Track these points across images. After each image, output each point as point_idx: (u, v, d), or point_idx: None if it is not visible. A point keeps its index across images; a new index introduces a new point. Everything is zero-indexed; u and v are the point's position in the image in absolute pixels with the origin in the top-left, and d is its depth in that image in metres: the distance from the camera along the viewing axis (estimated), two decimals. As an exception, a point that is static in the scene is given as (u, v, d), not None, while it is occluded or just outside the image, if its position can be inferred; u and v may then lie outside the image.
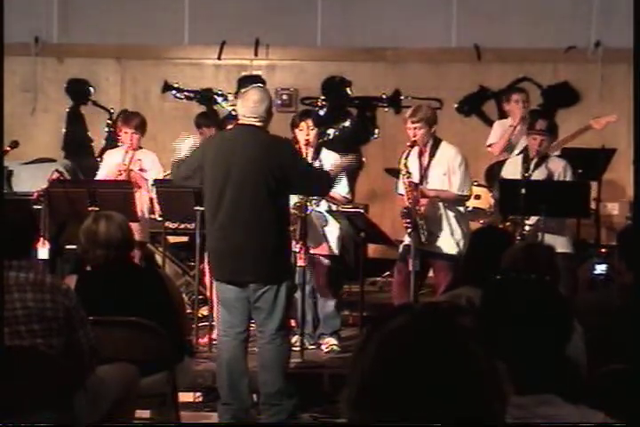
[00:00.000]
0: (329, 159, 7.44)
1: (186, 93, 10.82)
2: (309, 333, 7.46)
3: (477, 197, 8.08)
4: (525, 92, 8.96)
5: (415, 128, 7.09)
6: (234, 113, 10.45)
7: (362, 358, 1.61)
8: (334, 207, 7.41)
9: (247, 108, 5.97)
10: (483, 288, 2.62)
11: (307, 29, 10.61)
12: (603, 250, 8.46)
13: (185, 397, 6.10)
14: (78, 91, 10.84)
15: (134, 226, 6.22)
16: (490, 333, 1.68)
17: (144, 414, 5.21)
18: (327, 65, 10.70)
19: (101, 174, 8.03)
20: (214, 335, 7.34)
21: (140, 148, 8.05)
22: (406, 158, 7.15)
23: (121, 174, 7.76)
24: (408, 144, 7.14)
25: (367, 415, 1.58)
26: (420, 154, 7.22)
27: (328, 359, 7.15)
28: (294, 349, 7.28)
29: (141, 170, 7.86)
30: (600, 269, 7.82)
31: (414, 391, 1.56)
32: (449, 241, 7.19)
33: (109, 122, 10.71)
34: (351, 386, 1.61)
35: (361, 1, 10.66)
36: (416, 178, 7.15)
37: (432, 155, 7.22)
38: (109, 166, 7.94)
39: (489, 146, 8.79)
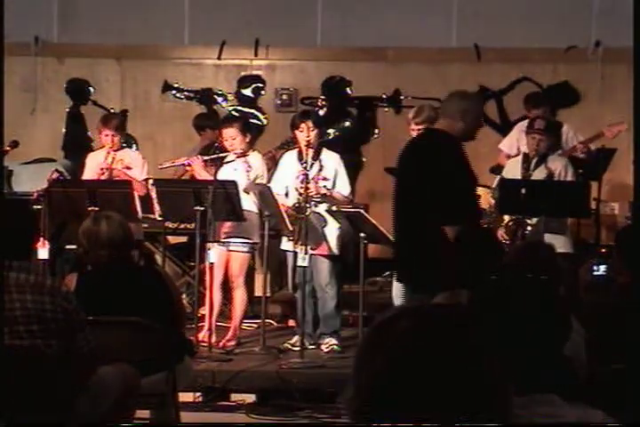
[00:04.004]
0: (330, 159, 7.45)
1: (186, 93, 10.83)
2: (309, 333, 7.46)
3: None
4: (544, 106, 8.76)
5: (419, 129, 7.08)
6: (234, 113, 10.49)
7: (370, 361, 1.61)
8: (334, 207, 7.41)
9: (444, 102, 5.88)
10: (479, 288, 2.62)
11: (306, 29, 10.61)
12: (603, 250, 8.45)
13: (185, 397, 6.10)
14: (78, 91, 10.84)
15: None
16: (488, 332, 1.68)
17: (144, 414, 5.21)
18: (327, 65, 10.70)
19: (85, 177, 8.01)
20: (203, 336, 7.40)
21: (123, 147, 8.07)
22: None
23: (103, 173, 7.76)
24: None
25: (374, 416, 1.58)
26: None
27: (328, 359, 7.15)
28: (294, 349, 7.30)
29: (128, 168, 7.87)
30: (600, 270, 7.81)
31: (425, 392, 1.56)
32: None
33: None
34: (359, 389, 1.61)
35: (361, 1, 10.66)
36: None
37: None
38: (92, 169, 7.93)
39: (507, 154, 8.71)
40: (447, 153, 5.64)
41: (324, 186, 7.35)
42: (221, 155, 7.49)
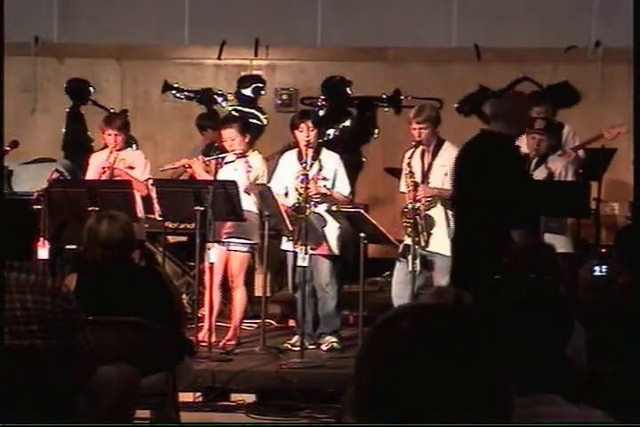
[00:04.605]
0: (329, 159, 7.45)
1: (186, 93, 10.82)
2: (309, 332, 7.47)
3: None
4: (546, 104, 8.79)
5: (420, 128, 7.08)
6: (234, 113, 10.49)
7: (370, 361, 1.61)
8: (334, 207, 7.41)
9: (497, 104, 5.97)
10: (480, 288, 2.62)
11: (307, 29, 10.61)
12: (603, 250, 8.45)
13: (185, 397, 6.10)
14: (78, 91, 10.83)
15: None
16: (489, 332, 1.68)
17: (144, 414, 5.21)
18: (327, 65, 10.70)
19: (89, 177, 7.99)
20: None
21: (126, 147, 8.05)
22: (410, 158, 7.16)
23: (104, 173, 7.74)
24: (413, 143, 7.15)
25: (376, 417, 1.58)
26: (423, 154, 7.22)
27: (328, 359, 7.15)
28: (294, 349, 7.30)
29: (131, 168, 7.85)
30: (600, 270, 7.82)
31: (426, 392, 1.56)
32: (447, 242, 7.18)
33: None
34: (359, 389, 1.61)
35: (361, 1, 10.66)
36: (418, 177, 7.16)
37: (435, 155, 7.22)
38: (95, 169, 7.91)
39: None
40: (508, 156, 5.81)
41: (324, 186, 7.35)
42: (221, 155, 7.49)
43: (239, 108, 10.77)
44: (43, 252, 7.03)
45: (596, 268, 7.83)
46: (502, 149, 5.78)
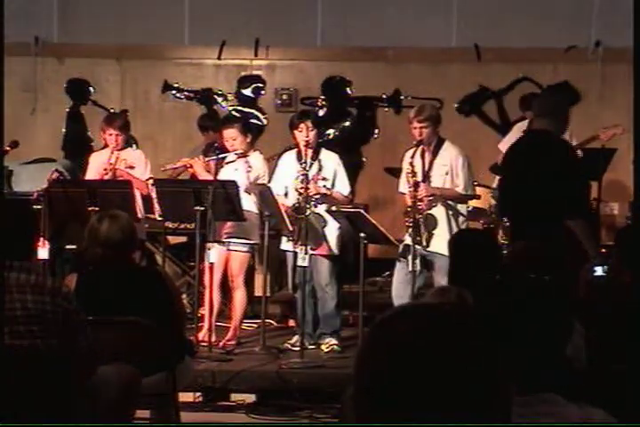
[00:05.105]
0: (329, 159, 7.45)
1: (186, 93, 10.83)
2: (309, 333, 7.46)
3: (477, 196, 8.08)
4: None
5: (421, 127, 7.09)
6: (234, 113, 10.49)
7: (370, 361, 1.61)
8: (334, 207, 7.41)
9: (540, 102, 6.08)
10: (481, 288, 2.62)
11: (306, 29, 10.61)
12: (603, 250, 8.44)
13: (185, 397, 6.10)
14: (78, 91, 10.84)
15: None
16: (489, 332, 1.68)
17: (144, 414, 5.21)
18: (327, 65, 10.70)
19: (89, 177, 7.98)
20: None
21: (126, 147, 8.04)
22: (412, 157, 7.16)
23: (107, 173, 7.74)
24: (414, 143, 7.15)
25: (374, 416, 1.58)
26: (424, 153, 7.22)
27: (328, 359, 7.15)
28: (294, 349, 7.30)
29: (131, 167, 7.84)
30: (600, 270, 7.80)
31: (426, 392, 1.56)
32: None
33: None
34: (359, 388, 1.61)
35: (361, 1, 10.66)
36: (419, 177, 7.16)
37: (435, 154, 7.22)
38: (96, 169, 7.90)
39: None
40: (559, 151, 5.94)
41: (324, 186, 7.35)
42: (222, 155, 7.49)
43: (239, 108, 10.78)
44: (43, 252, 7.03)
45: (596, 268, 7.82)
46: (552, 146, 5.90)
